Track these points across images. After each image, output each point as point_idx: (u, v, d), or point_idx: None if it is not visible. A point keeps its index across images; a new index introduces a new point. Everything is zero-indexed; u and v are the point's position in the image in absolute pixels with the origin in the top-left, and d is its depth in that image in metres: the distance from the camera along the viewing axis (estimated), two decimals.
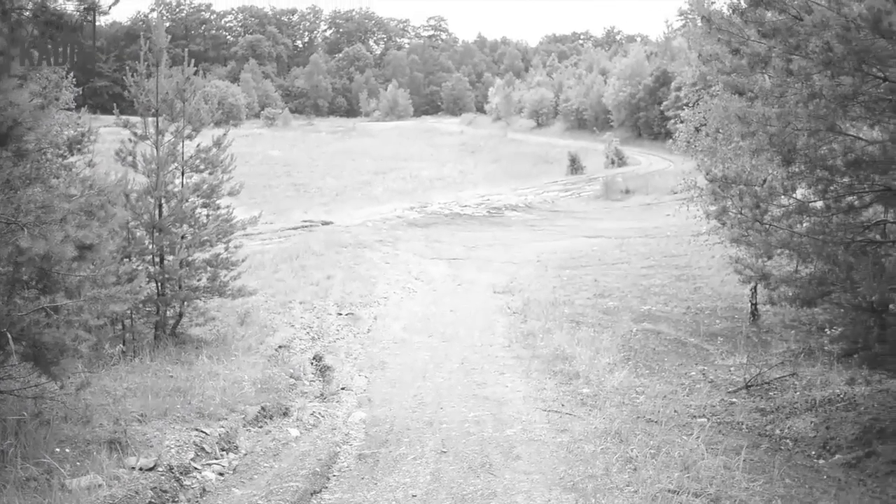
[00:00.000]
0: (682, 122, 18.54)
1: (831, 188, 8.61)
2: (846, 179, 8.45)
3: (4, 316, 6.68)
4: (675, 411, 9.60)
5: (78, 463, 6.74)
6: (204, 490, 6.98)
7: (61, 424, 7.48)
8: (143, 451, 7.23)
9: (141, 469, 6.88)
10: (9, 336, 6.56)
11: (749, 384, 10.83)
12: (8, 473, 6.24)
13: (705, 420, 9.34)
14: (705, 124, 17.21)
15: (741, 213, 9.14)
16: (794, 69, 7.98)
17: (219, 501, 6.63)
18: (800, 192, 9.30)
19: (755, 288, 13.85)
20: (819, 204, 9.02)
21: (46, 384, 7.30)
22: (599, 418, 8.74)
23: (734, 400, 10.39)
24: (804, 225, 9.07)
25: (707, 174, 9.99)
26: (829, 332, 9.65)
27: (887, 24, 6.86)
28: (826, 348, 10.58)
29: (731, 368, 11.70)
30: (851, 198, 8.79)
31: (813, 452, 8.76)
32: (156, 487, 6.61)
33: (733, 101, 9.49)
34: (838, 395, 9.96)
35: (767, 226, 8.99)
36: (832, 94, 7.82)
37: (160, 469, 6.95)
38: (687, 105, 18.09)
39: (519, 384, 10.41)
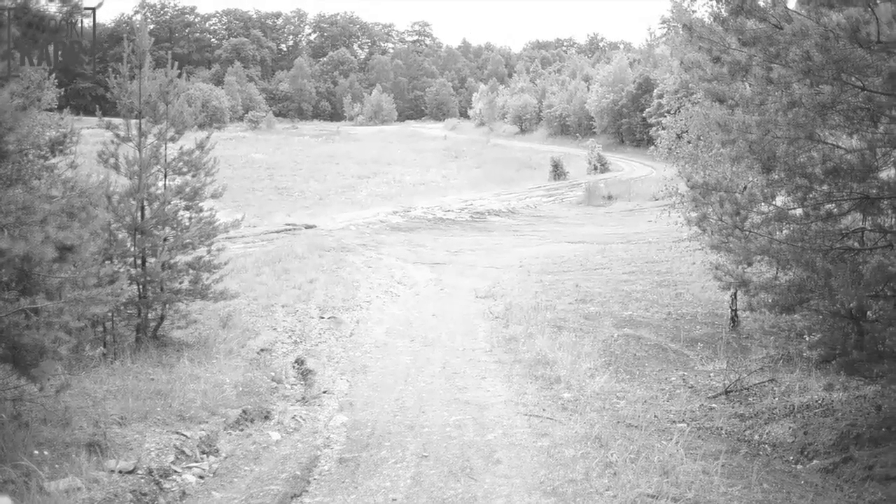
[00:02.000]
0: (663, 128, 18.68)
1: (810, 196, 8.69)
2: (825, 187, 8.54)
3: None
4: (655, 416, 9.66)
5: (57, 465, 6.71)
6: (184, 493, 6.97)
7: (40, 427, 7.44)
8: (122, 454, 7.20)
9: (120, 472, 6.85)
10: None
11: (728, 390, 10.91)
12: None
13: (685, 425, 9.40)
14: (687, 131, 17.34)
15: (721, 220, 9.21)
16: (774, 77, 8.06)
17: None
18: (779, 200, 9.38)
19: (735, 294, 13.95)
20: (798, 211, 9.11)
21: (25, 386, 7.27)
22: (580, 423, 8.78)
23: (714, 405, 10.47)
24: (783, 232, 9.15)
25: (688, 181, 10.05)
26: (807, 339, 9.75)
27: (865, 34, 6.95)
28: (804, 354, 10.69)
29: (711, 374, 11.78)
30: (830, 205, 8.88)
31: (791, 458, 8.83)
32: (135, 490, 6.59)
33: (714, 108, 9.57)
34: (816, 401, 10.05)
35: (747, 232, 9.06)
36: (811, 103, 7.90)
37: (140, 472, 6.93)
38: (669, 112, 18.23)
39: (500, 388, 10.44)
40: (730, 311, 14.52)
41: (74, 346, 7.86)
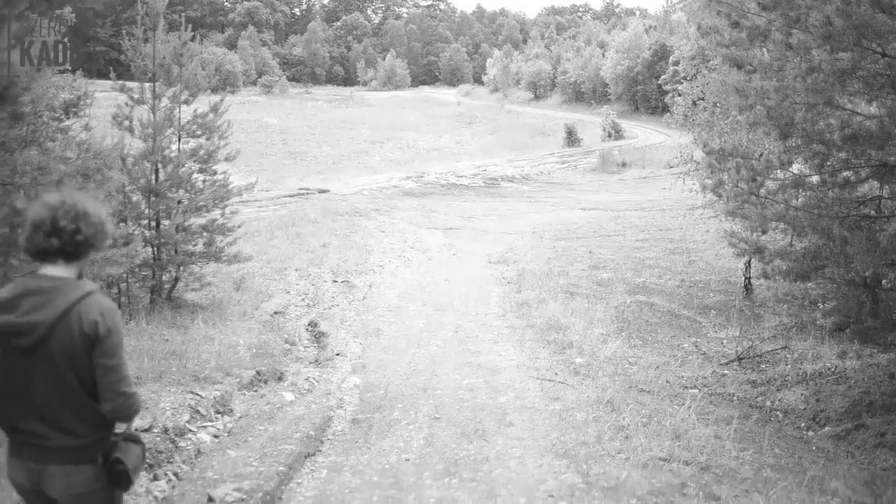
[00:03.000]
0: (679, 95, 18.56)
1: (828, 163, 8.63)
2: (843, 154, 8.47)
3: (1, 277, 6.69)
4: (668, 382, 9.68)
5: None
6: (199, 451, 7.03)
7: None
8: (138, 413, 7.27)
9: (136, 430, 6.92)
10: None
11: (741, 357, 10.92)
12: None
13: (697, 391, 9.42)
14: (703, 98, 17.22)
15: (737, 187, 9.16)
16: (794, 43, 7.98)
17: (213, 462, 6.68)
18: (796, 167, 9.32)
19: (749, 262, 13.92)
20: (815, 178, 9.05)
21: None
22: (592, 387, 8.81)
23: (726, 372, 10.48)
24: (800, 199, 9.10)
25: (704, 147, 9.99)
26: (821, 307, 9.72)
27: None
28: (818, 323, 10.66)
29: (724, 341, 11.79)
30: (847, 173, 8.82)
31: (803, 424, 8.86)
32: (151, 448, 6.65)
33: (732, 74, 9.48)
34: (829, 369, 10.06)
35: (763, 199, 9.02)
36: (831, 69, 7.82)
37: (155, 430, 6.99)
38: (685, 79, 18.08)
39: (512, 353, 10.47)
40: (743, 278, 14.49)
41: None
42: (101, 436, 3.29)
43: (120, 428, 3.37)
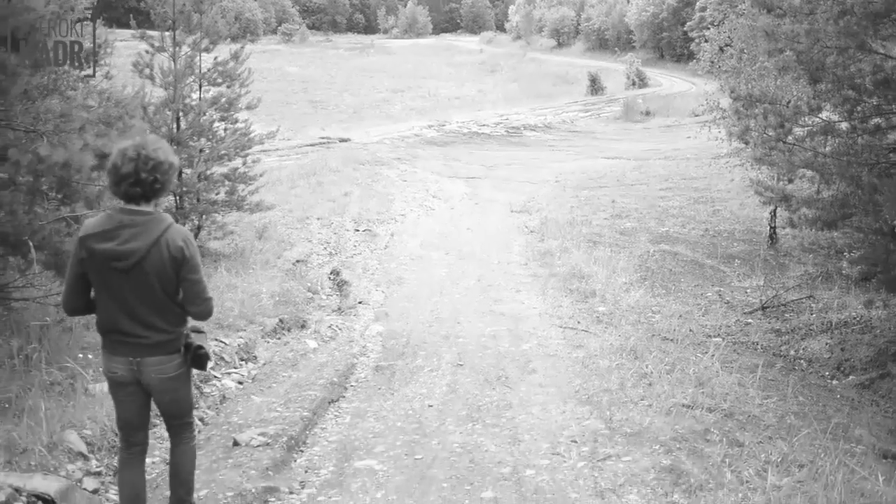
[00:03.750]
0: (706, 41, 18.23)
1: (858, 108, 8.47)
2: (874, 100, 8.31)
3: (26, 225, 6.71)
4: (691, 330, 9.65)
5: (100, 368, 6.84)
6: (224, 397, 7.11)
7: (83, 332, 7.58)
8: None
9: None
10: (30, 244, 6.61)
11: (765, 306, 10.86)
12: (33, 377, 6.35)
13: (720, 339, 9.39)
14: (730, 44, 16.91)
15: (765, 133, 9.03)
16: None
17: (238, 408, 6.75)
18: (825, 113, 9.16)
19: (774, 211, 13.77)
20: (844, 125, 8.90)
21: None
22: (615, 335, 8.80)
23: (750, 321, 10.44)
24: (828, 146, 8.97)
25: (732, 92, 9.83)
26: (847, 256, 9.63)
27: None
28: (844, 272, 10.58)
29: (748, 290, 11.72)
30: (878, 119, 8.67)
31: (827, 373, 8.83)
32: None
33: (761, 17, 9.29)
34: (854, 318, 9.98)
35: (791, 146, 8.89)
36: (864, 12, 7.63)
37: None
38: (712, 24, 17.73)
39: (535, 301, 10.46)
40: (768, 228, 14.36)
41: None
42: (180, 331, 4.19)
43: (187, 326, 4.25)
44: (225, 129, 12.17)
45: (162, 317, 4.08)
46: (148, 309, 4.03)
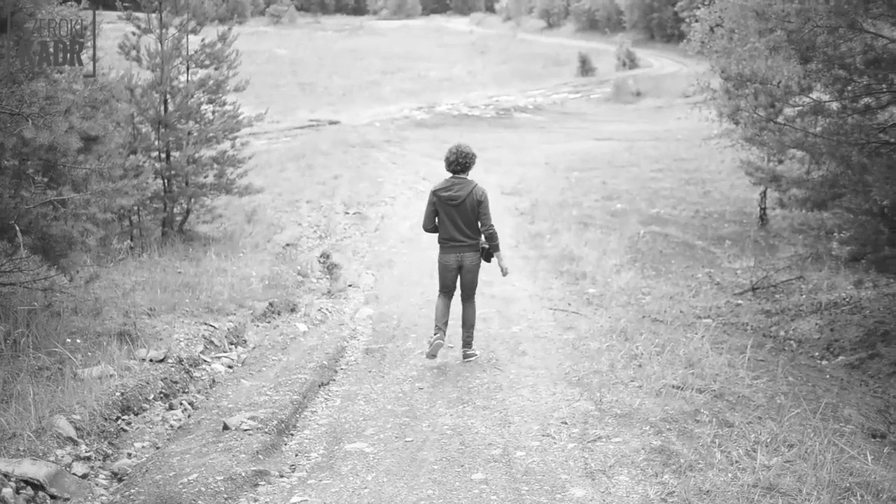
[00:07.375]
0: (696, 21, 18.12)
1: (848, 88, 8.45)
2: (864, 79, 8.29)
3: (12, 209, 6.66)
4: (681, 312, 9.66)
5: (89, 353, 6.81)
6: (213, 381, 7.09)
7: (72, 316, 7.54)
8: (153, 344, 7.30)
9: (151, 360, 6.95)
10: (17, 228, 6.55)
11: (755, 287, 10.88)
12: (21, 362, 6.32)
13: (710, 320, 9.40)
14: (721, 24, 16.81)
15: (755, 113, 9.01)
16: None
17: (228, 391, 6.73)
18: (815, 93, 9.14)
19: (764, 192, 13.79)
20: (835, 105, 8.87)
21: (56, 277, 7.33)
22: (605, 317, 8.80)
23: (740, 302, 10.45)
24: (819, 125, 8.95)
25: (722, 72, 9.79)
26: (837, 237, 9.63)
27: None
28: (834, 253, 10.58)
29: (738, 271, 11.74)
30: (868, 98, 8.64)
31: (817, 353, 8.85)
32: (166, 378, 6.70)
33: None
34: (844, 299, 10.00)
35: (781, 126, 8.87)
36: None
37: (170, 361, 7.03)
38: (702, 4, 17.60)
39: (526, 283, 10.45)
40: (758, 209, 14.38)
41: (102, 238, 7.89)
42: (480, 239, 7.36)
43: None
44: (213, 112, 12.10)
45: (473, 230, 7.27)
46: (467, 225, 7.23)
